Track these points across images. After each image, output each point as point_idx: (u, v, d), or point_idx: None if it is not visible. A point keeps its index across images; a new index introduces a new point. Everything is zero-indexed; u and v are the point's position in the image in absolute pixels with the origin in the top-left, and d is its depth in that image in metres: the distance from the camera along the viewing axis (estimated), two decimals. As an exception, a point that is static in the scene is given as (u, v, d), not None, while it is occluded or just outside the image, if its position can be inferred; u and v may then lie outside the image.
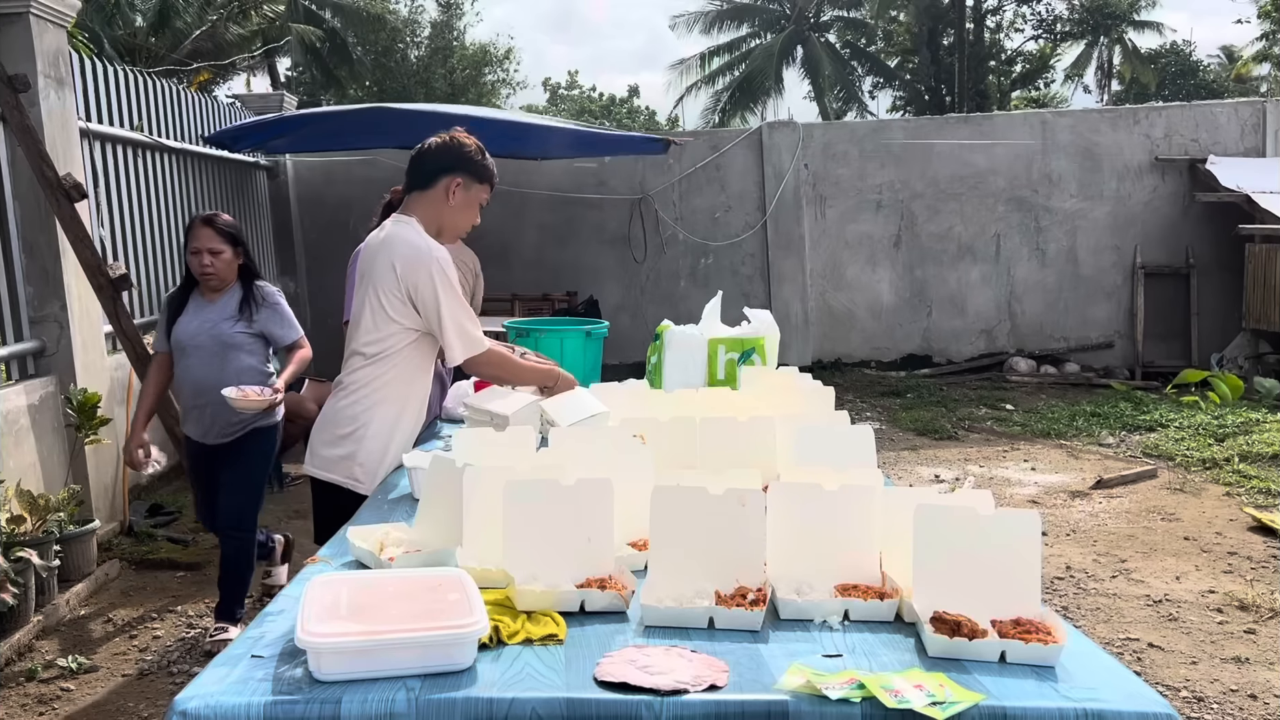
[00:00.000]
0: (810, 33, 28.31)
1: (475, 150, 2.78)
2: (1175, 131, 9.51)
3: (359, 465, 2.73)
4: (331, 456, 2.77)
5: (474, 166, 2.76)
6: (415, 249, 2.66)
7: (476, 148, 2.79)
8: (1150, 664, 3.66)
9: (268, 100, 9.40)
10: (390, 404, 2.74)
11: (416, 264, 2.64)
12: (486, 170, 2.80)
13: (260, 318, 3.77)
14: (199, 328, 3.72)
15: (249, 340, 3.75)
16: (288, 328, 3.83)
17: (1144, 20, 28.33)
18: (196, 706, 1.32)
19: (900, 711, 1.27)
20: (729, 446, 2.26)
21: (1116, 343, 9.74)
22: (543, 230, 10.04)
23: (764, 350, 3.23)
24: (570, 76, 41.65)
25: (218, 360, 3.69)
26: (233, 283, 3.80)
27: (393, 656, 1.38)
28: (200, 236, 3.71)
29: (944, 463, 6.61)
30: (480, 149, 2.80)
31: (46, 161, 4.72)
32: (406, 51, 24.53)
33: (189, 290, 3.81)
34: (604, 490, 1.74)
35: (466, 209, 2.79)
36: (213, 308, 3.75)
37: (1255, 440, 6.50)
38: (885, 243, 9.94)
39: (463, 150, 2.76)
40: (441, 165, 2.73)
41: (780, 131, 9.94)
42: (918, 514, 1.57)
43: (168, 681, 3.65)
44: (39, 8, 4.96)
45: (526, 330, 3.65)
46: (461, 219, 2.81)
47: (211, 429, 3.80)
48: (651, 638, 1.53)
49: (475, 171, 2.77)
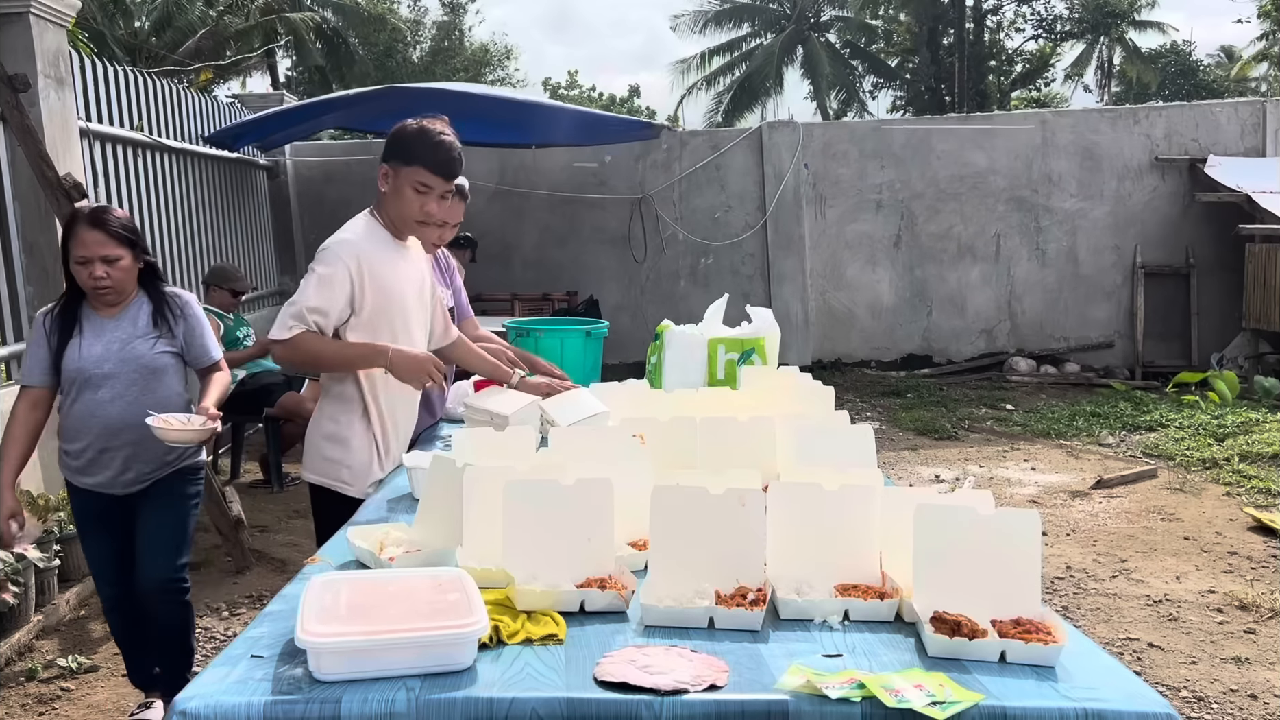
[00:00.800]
0: (810, 32, 28.31)
1: (407, 132, 2.58)
2: (1175, 131, 9.51)
3: (347, 469, 2.69)
4: (321, 460, 2.73)
5: (399, 148, 2.59)
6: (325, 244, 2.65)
7: (413, 129, 2.58)
8: (1150, 664, 3.66)
9: (268, 100, 9.41)
10: (362, 404, 2.69)
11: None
12: (412, 149, 2.57)
13: (180, 331, 3.06)
14: (106, 352, 2.94)
15: (173, 362, 3.05)
16: (210, 345, 3.14)
17: (1144, 20, 28.34)
18: (196, 706, 1.32)
19: (900, 711, 1.28)
20: (729, 446, 2.26)
21: (1116, 343, 9.74)
22: (543, 230, 10.04)
23: (764, 350, 3.23)
24: (570, 76, 41.60)
25: (137, 390, 2.95)
26: (134, 293, 3.05)
27: (393, 656, 1.38)
28: (88, 242, 2.88)
29: (944, 463, 6.61)
30: (418, 130, 2.58)
31: (46, 161, 4.72)
32: (407, 52, 24.53)
33: (76, 307, 3.00)
34: (604, 490, 1.74)
35: (398, 195, 2.61)
36: (118, 325, 2.98)
37: (1255, 440, 6.50)
38: (885, 243, 9.93)
39: (392, 135, 2.61)
40: (381, 158, 2.65)
41: (780, 131, 9.94)
42: (918, 514, 1.58)
43: (168, 681, 3.65)
44: (39, 8, 4.96)
45: (526, 330, 3.65)
46: (403, 207, 2.62)
47: (124, 475, 3.03)
48: (651, 637, 1.53)
49: (401, 154, 2.59)
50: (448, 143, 2.58)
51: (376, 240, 2.65)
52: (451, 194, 2.70)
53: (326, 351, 2.59)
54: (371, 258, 2.60)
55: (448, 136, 2.59)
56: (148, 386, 2.97)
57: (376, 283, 2.60)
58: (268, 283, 8.87)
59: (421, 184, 2.58)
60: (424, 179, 2.57)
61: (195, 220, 7.30)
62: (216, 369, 3.16)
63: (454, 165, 2.60)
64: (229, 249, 7.97)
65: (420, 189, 2.58)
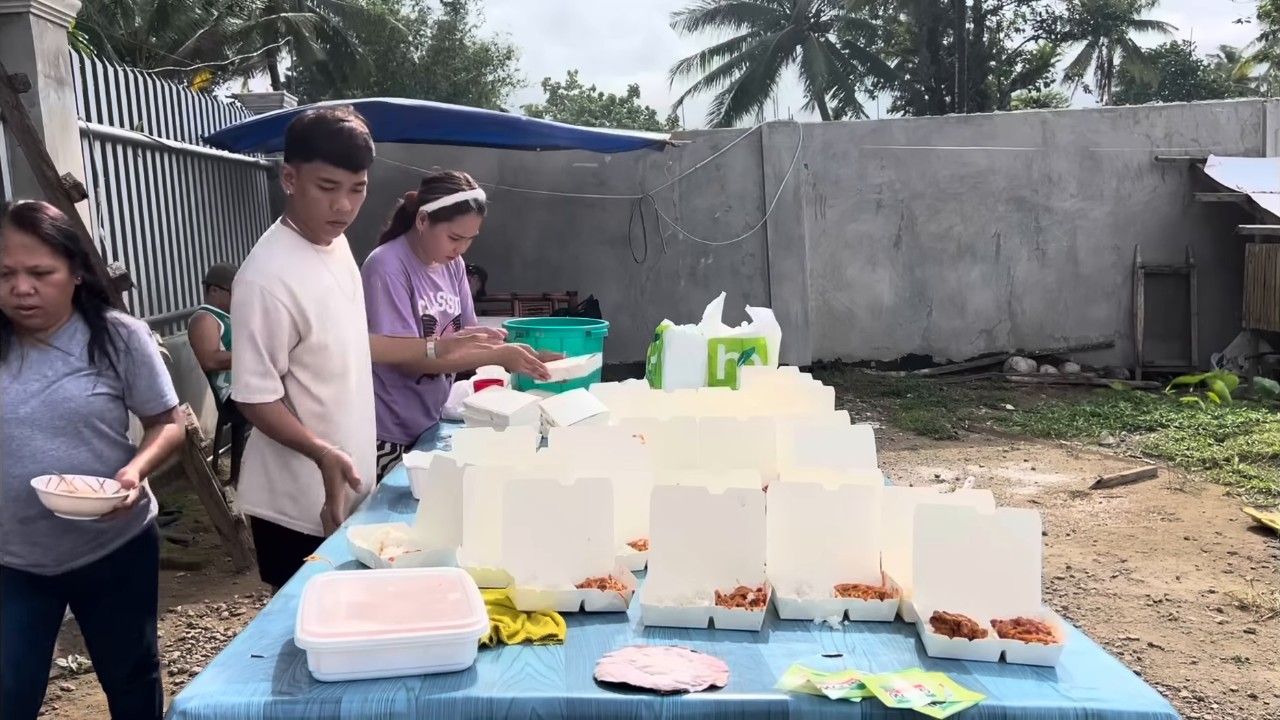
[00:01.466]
0: (810, 32, 28.32)
1: (303, 124, 2.33)
2: (1175, 131, 9.51)
3: (291, 499, 2.47)
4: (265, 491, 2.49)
5: (296, 144, 2.32)
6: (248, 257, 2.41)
7: (308, 120, 2.34)
8: (1150, 664, 3.66)
9: (268, 100, 9.41)
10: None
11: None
12: (311, 143, 2.30)
13: (124, 369, 2.38)
14: (25, 392, 2.27)
15: (110, 407, 2.37)
16: (163, 387, 2.46)
17: (1144, 20, 28.34)
18: (196, 706, 1.32)
19: (900, 711, 1.27)
20: (729, 446, 2.26)
21: (1116, 343, 9.74)
22: (543, 230, 10.04)
23: (765, 350, 3.23)
24: (570, 76, 41.63)
25: (66, 443, 2.30)
26: (67, 316, 2.36)
27: (393, 656, 1.38)
28: (12, 248, 2.23)
29: (944, 463, 6.61)
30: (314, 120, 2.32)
31: (46, 161, 4.72)
32: (408, 52, 24.55)
33: None
34: (604, 490, 1.74)
35: (304, 196, 2.34)
36: (43, 359, 2.30)
37: (1255, 440, 6.50)
38: (885, 243, 9.94)
39: (288, 130, 2.36)
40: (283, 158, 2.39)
41: (780, 131, 9.94)
42: (918, 514, 1.57)
43: (168, 681, 3.65)
44: (39, 8, 4.96)
45: (526, 330, 3.65)
46: (310, 208, 2.35)
47: (55, 550, 2.35)
48: (651, 638, 1.53)
49: (299, 149, 2.31)
50: (349, 130, 2.31)
51: (295, 254, 2.39)
52: (362, 186, 2.38)
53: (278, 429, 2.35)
54: (297, 276, 2.35)
55: (349, 124, 2.32)
56: (80, 438, 2.31)
57: (316, 303, 2.38)
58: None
59: (326, 180, 2.31)
60: (328, 174, 2.30)
61: (195, 220, 7.30)
62: (168, 419, 2.48)
63: (359, 154, 2.32)
64: (229, 249, 7.97)
65: (325, 185, 2.32)
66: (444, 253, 3.13)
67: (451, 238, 3.09)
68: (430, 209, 3.06)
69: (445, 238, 3.08)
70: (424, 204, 3.07)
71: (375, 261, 3.08)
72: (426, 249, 3.12)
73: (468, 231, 3.12)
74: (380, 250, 3.13)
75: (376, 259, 3.09)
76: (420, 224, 3.08)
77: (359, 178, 2.35)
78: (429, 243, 3.10)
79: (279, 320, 2.32)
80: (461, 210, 3.07)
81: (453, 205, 3.06)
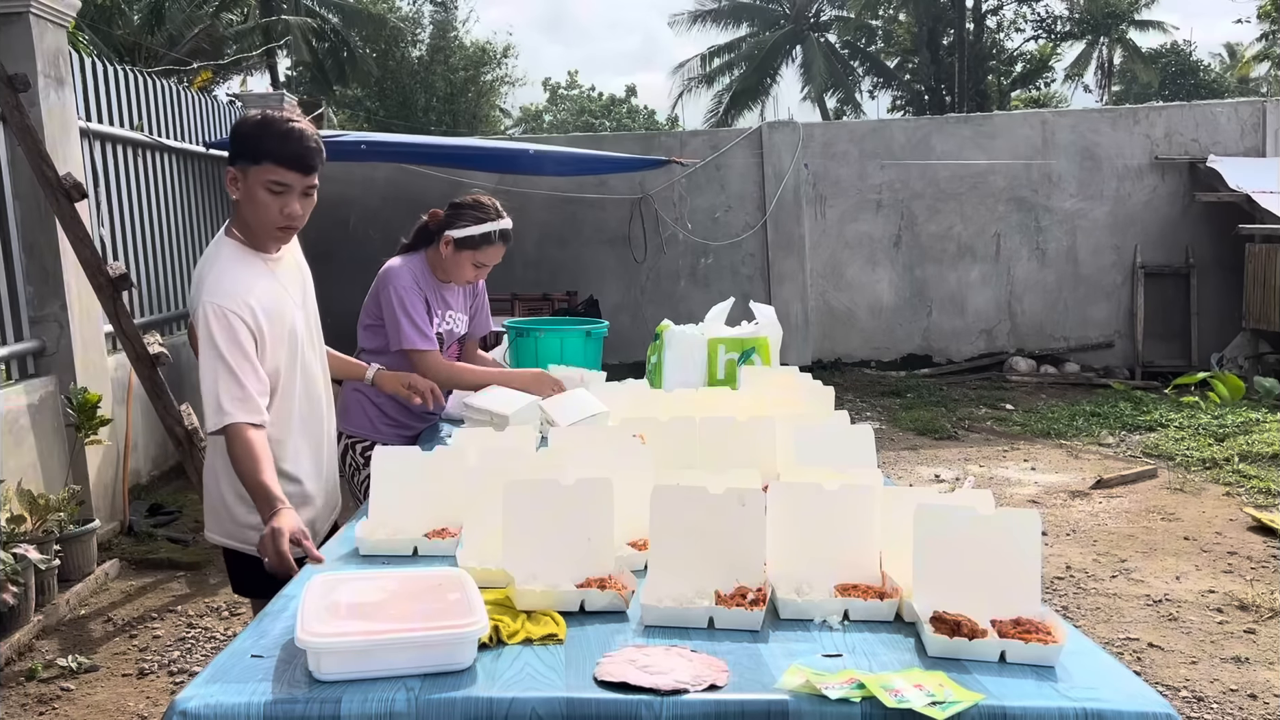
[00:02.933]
0: (810, 32, 28.32)
1: (248, 125, 2.22)
2: (1175, 131, 9.51)
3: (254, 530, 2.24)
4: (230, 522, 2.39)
5: (242, 146, 2.21)
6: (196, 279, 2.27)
7: (253, 121, 2.23)
8: (1150, 664, 3.66)
9: (268, 100, 9.39)
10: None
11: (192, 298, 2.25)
12: (258, 144, 2.18)
13: None
14: None
15: None
16: None
17: (1144, 20, 28.35)
18: (196, 706, 1.32)
19: (900, 711, 1.27)
20: (729, 446, 2.26)
21: (1116, 342, 9.74)
22: (543, 230, 10.04)
23: (766, 349, 3.24)
24: (570, 77, 41.61)
25: None
26: None
27: (393, 656, 1.38)
28: None
29: (944, 463, 6.61)
30: (260, 122, 2.21)
31: (46, 161, 4.72)
32: (407, 51, 24.55)
33: None
34: (604, 490, 1.74)
35: (252, 201, 2.21)
36: None
37: (1255, 440, 6.51)
38: (885, 243, 9.94)
39: (232, 133, 2.26)
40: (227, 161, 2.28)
41: (780, 131, 9.94)
42: (918, 514, 1.57)
43: (168, 681, 3.65)
44: (39, 8, 4.96)
45: (526, 330, 3.65)
46: (259, 213, 2.22)
47: None
48: (651, 637, 1.53)
49: (246, 152, 2.20)
50: (298, 131, 2.20)
51: (246, 267, 2.26)
52: (313, 190, 2.26)
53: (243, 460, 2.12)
54: (252, 290, 2.22)
55: (298, 124, 2.22)
56: None
57: (269, 318, 2.25)
58: (268, 283, 8.87)
59: (276, 183, 2.18)
60: (277, 176, 2.18)
61: (195, 220, 7.30)
62: None
63: (310, 155, 2.20)
64: (229, 249, 7.95)
65: (275, 189, 2.19)
66: (465, 278, 3.16)
67: (475, 265, 3.12)
68: (456, 235, 3.07)
69: (469, 265, 3.11)
70: (449, 228, 3.08)
71: (390, 274, 3.09)
72: (447, 271, 3.14)
73: (491, 260, 3.15)
74: (396, 263, 3.13)
75: (391, 272, 3.09)
76: (444, 248, 3.09)
77: (310, 180, 2.23)
78: (451, 267, 3.12)
79: (248, 340, 2.19)
80: (488, 241, 3.10)
81: (480, 236, 3.08)
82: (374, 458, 2.12)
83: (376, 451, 2.13)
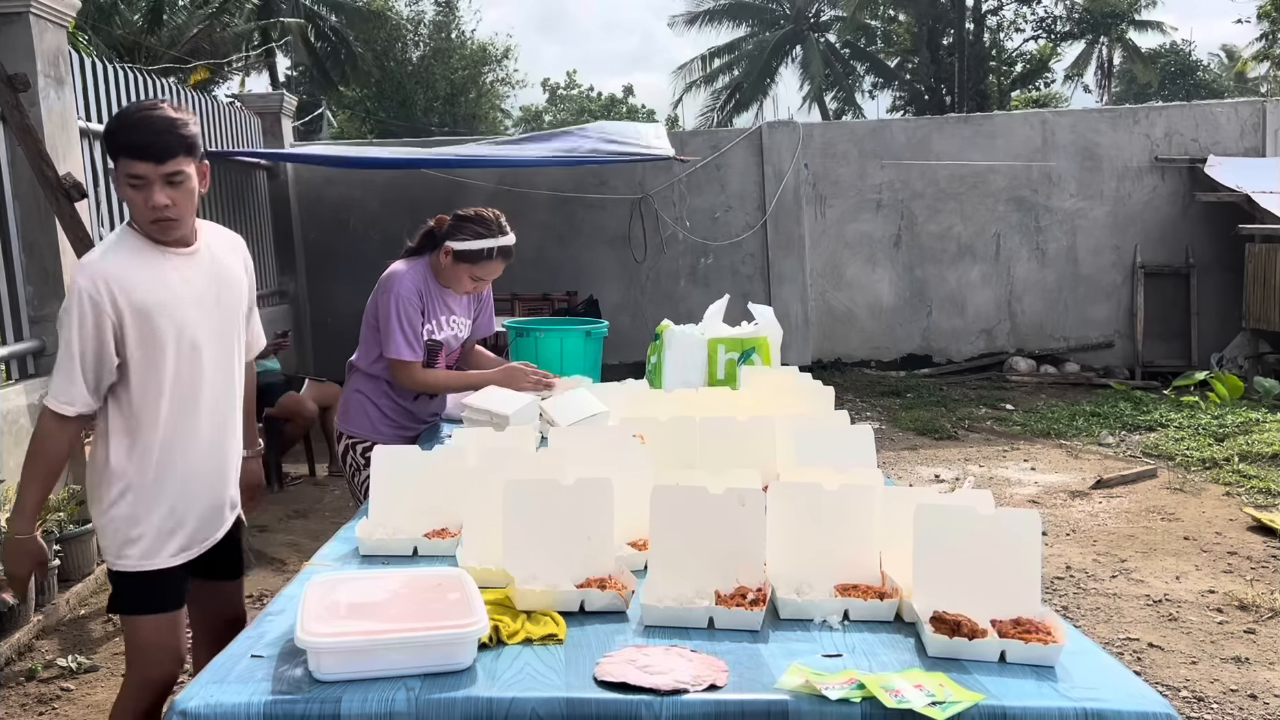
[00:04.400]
0: (809, 32, 28.32)
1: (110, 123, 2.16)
2: (1175, 131, 9.51)
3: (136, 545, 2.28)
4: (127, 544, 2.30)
5: (105, 143, 2.16)
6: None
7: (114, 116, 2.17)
8: (1150, 664, 3.66)
9: (267, 100, 9.40)
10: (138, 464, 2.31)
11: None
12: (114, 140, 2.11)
13: None
14: None
15: None
16: None
17: (1144, 20, 28.35)
18: (196, 706, 1.32)
19: (900, 711, 1.28)
20: (729, 446, 2.26)
21: (1116, 342, 9.74)
22: (543, 230, 10.03)
23: (766, 349, 3.24)
24: (569, 76, 41.62)
25: None
26: None
27: (393, 656, 1.38)
28: None
29: (944, 463, 6.61)
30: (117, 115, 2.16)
31: (46, 161, 4.72)
32: (407, 50, 24.54)
33: None
34: (604, 490, 1.74)
35: (124, 196, 2.15)
36: None
37: (1255, 440, 6.50)
38: (885, 242, 9.93)
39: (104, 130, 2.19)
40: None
41: (780, 131, 9.94)
42: (918, 514, 1.58)
43: (168, 681, 3.65)
44: (39, 7, 4.96)
45: (526, 330, 3.66)
46: (132, 209, 2.15)
47: None
48: (651, 637, 1.53)
49: (109, 149, 2.14)
50: (147, 118, 2.09)
51: (135, 256, 2.16)
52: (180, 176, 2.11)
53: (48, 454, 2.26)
54: (125, 278, 2.12)
55: (152, 112, 2.11)
56: None
57: (135, 306, 2.13)
58: (268, 283, 8.87)
59: (132, 176, 2.09)
60: (132, 170, 2.08)
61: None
62: None
63: (160, 142, 2.07)
64: (229, 249, 7.96)
65: (134, 183, 2.09)
66: (463, 289, 3.18)
67: (473, 278, 3.14)
68: (456, 248, 3.08)
69: (466, 277, 3.13)
70: (451, 238, 3.09)
71: (390, 279, 3.11)
72: (446, 280, 3.17)
73: (489, 275, 3.16)
74: (398, 267, 3.14)
75: (393, 277, 3.11)
76: (444, 257, 3.10)
77: (166, 168, 2.08)
78: (449, 277, 3.15)
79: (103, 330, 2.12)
80: (486, 256, 3.11)
81: (478, 251, 3.09)
82: (374, 458, 2.12)
83: (376, 451, 2.14)
